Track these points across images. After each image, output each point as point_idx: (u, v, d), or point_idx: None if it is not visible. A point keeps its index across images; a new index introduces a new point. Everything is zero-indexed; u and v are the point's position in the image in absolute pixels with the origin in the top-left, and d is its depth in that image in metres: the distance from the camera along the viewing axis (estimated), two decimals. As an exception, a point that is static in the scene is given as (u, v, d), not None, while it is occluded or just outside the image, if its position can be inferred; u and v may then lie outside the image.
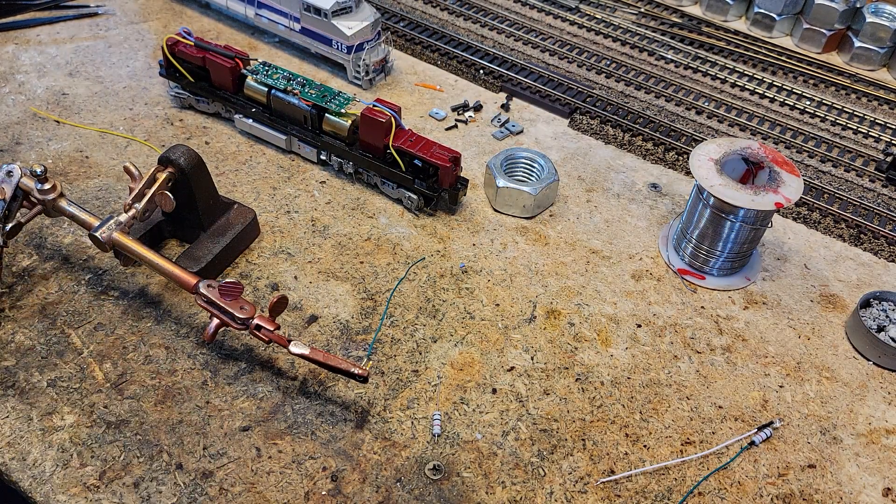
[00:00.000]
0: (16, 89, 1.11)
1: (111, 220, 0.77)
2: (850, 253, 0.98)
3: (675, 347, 0.83)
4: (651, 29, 1.40)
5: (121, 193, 0.95)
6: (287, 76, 1.00)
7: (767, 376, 0.81)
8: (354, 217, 0.96)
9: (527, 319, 0.85)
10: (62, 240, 0.89)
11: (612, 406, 0.77)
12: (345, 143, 0.97)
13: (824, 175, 1.09)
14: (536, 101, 1.19)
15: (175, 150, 0.82)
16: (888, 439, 0.77)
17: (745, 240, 0.88)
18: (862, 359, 0.85)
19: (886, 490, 0.72)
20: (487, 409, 0.75)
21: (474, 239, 0.94)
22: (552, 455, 0.72)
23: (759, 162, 0.87)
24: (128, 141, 1.04)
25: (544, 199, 0.98)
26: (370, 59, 1.16)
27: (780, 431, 0.76)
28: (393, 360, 0.79)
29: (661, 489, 0.70)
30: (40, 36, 1.23)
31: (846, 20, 1.36)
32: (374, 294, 0.86)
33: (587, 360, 0.81)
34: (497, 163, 0.98)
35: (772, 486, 0.71)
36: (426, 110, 1.15)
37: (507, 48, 1.30)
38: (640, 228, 0.98)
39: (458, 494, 0.68)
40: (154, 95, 1.12)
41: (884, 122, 1.20)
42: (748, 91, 1.26)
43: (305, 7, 1.14)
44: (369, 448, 0.71)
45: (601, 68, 1.26)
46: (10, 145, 1.01)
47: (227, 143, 1.05)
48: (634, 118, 1.16)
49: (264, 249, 0.90)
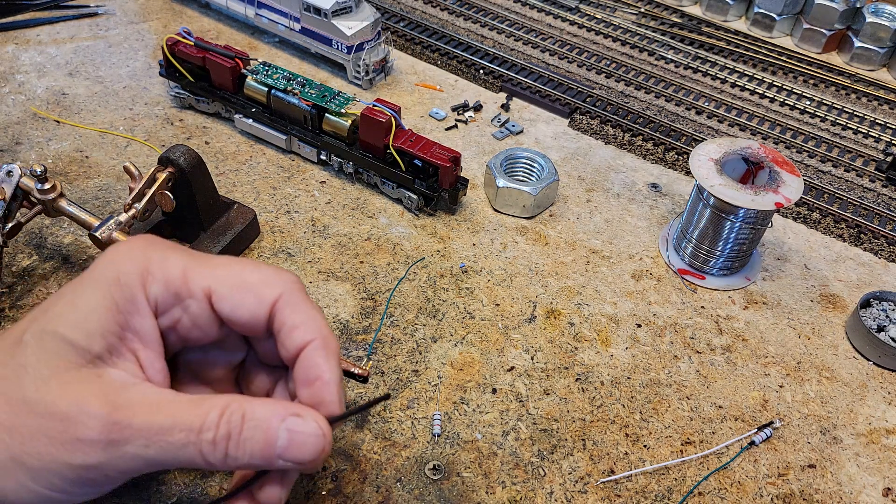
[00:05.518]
0: (16, 89, 1.11)
1: (111, 220, 0.77)
2: (850, 253, 0.98)
3: (675, 347, 0.83)
4: (651, 29, 1.40)
5: (121, 193, 0.95)
6: (287, 76, 1.00)
7: (767, 376, 0.81)
8: (354, 217, 0.96)
9: (527, 319, 0.85)
10: (62, 240, 0.89)
11: (612, 406, 0.77)
12: (345, 143, 0.97)
13: (824, 175, 1.09)
14: (536, 101, 1.19)
15: (175, 150, 0.82)
16: (888, 439, 0.77)
17: (745, 240, 0.88)
18: (862, 359, 0.85)
19: (886, 490, 0.72)
20: (487, 409, 0.75)
21: (474, 239, 0.94)
22: (552, 455, 0.72)
23: (759, 162, 0.87)
24: (128, 141, 1.04)
25: (544, 199, 0.98)
26: (370, 59, 1.16)
27: (780, 431, 0.76)
28: (393, 360, 0.79)
29: (661, 489, 0.70)
30: (40, 36, 1.23)
31: (846, 20, 1.36)
32: (374, 294, 0.86)
33: (587, 360, 0.81)
34: (497, 163, 0.98)
35: (772, 486, 0.71)
36: (426, 110, 1.15)
37: (507, 48, 1.30)
38: (640, 228, 0.98)
39: (458, 494, 0.68)
40: (154, 95, 1.12)
41: (884, 122, 1.20)
42: (748, 91, 1.26)
43: (305, 7, 1.14)
44: (369, 448, 0.71)
45: (601, 68, 1.26)
46: (10, 145, 1.01)
47: (227, 143, 1.05)
48: (634, 118, 1.16)
49: (264, 249, 0.90)
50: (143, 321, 0.46)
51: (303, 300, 0.48)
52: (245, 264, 0.49)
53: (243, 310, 0.47)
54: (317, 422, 0.44)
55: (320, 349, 0.47)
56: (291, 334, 0.47)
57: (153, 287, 0.47)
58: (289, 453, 0.43)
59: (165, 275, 0.47)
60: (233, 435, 0.43)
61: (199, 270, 0.48)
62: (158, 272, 0.47)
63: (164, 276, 0.47)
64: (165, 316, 0.48)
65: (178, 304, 0.48)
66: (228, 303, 0.47)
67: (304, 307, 0.48)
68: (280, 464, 0.44)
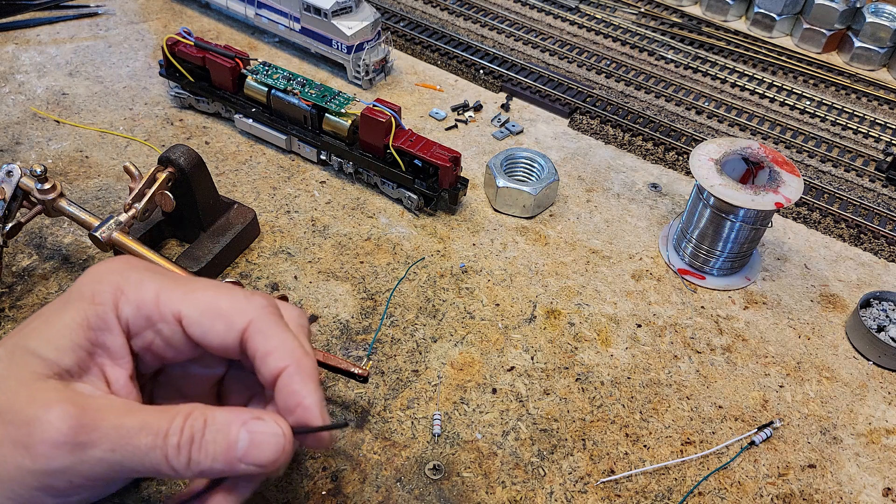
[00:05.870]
0: (16, 89, 1.11)
1: (111, 220, 0.77)
2: (850, 253, 0.98)
3: (675, 347, 0.83)
4: (651, 29, 1.40)
5: (121, 193, 0.95)
6: (287, 76, 1.00)
7: (767, 376, 0.81)
8: (354, 217, 0.96)
9: (527, 319, 0.85)
10: (62, 240, 0.89)
11: (612, 406, 0.77)
12: (345, 142, 0.97)
13: (824, 175, 1.09)
14: (536, 101, 1.19)
15: (175, 150, 0.82)
16: (888, 439, 0.77)
17: (745, 240, 0.88)
18: (862, 359, 0.85)
19: (886, 490, 0.72)
20: (487, 409, 0.75)
21: (474, 239, 0.94)
22: (552, 455, 0.72)
23: (759, 162, 0.87)
24: (128, 141, 1.04)
25: (544, 199, 0.98)
26: (370, 59, 1.16)
27: (780, 431, 0.76)
28: (393, 360, 0.79)
29: (661, 489, 0.70)
30: (40, 36, 1.23)
31: (846, 20, 1.36)
32: (374, 294, 0.86)
33: (587, 360, 0.81)
34: (497, 163, 0.98)
35: (772, 486, 0.71)
36: (426, 110, 1.15)
37: (507, 48, 1.30)
38: (640, 228, 0.98)
39: (458, 494, 0.68)
40: (154, 95, 1.12)
41: (884, 122, 1.20)
42: (748, 91, 1.26)
43: (305, 7, 1.14)
44: (369, 448, 0.71)
45: (601, 68, 1.26)
46: (10, 145, 1.01)
47: (227, 143, 1.05)
48: (634, 118, 1.16)
49: (264, 249, 0.90)
50: (114, 339, 0.47)
51: (273, 325, 0.48)
52: (219, 289, 0.49)
53: (213, 335, 0.48)
54: (277, 423, 0.45)
55: (295, 375, 0.47)
56: (266, 361, 0.47)
57: (125, 308, 0.48)
58: (250, 456, 0.44)
59: (138, 297, 0.48)
60: (196, 438, 0.43)
61: (171, 295, 0.48)
62: (132, 294, 0.48)
63: (137, 298, 0.48)
64: (138, 338, 0.49)
65: (150, 327, 0.48)
66: (198, 328, 0.48)
67: (274, 332, 0.48)
68: (242, 468, 0.44)
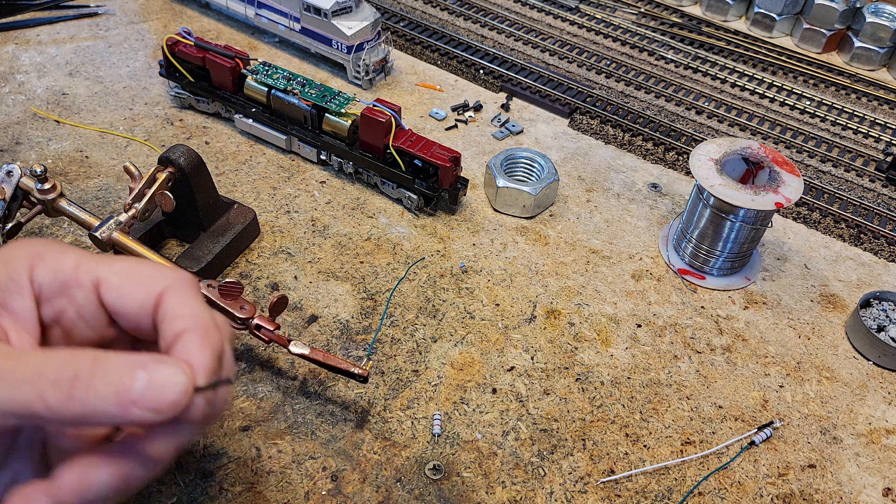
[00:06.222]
0: (16, 89, 1.11)
1: (111, 220, 0.77)
2: (850, 253, 0.98)
3: (675, 347, 0.83)
4: (651, 29, 1.40)
5: (121, 193, 0.95)
6: (287, 76, 1.00)
7: (767, 376, 0.81)
8: (354, 217, 0.96)
9: (527, 319, 0.85)
10: (62, 240, 0.89)
11: (612, 406, 0.77)
12: (345, 143, 0.97)
13: (824, 175, 1.09)
14: (536, 101, 1.19)
15: (175, 150, 0.82)
16: (888, 439, 0.77)
17: (745, 240, 0.88)
18: (862, 359, 0.85)
19: (886, 490, 0.72)
20: (487, 409, 0.75)
21: (474, 239, 0.94)
22: (552, 455, 0.72)
23: (759, 162, 0.87)
24: (128, 141, 1.04)
25: (544, 199, 0.98)
26: (370, 59, 1.16)
27: (780, 431, 0.76)
28: (393, 360, 0.79)
29: (661, 489, 0.70)
30: (40, 36, 1.23)
31: (846, 20, 1.36)
32: (374, 294, 0.86)
33: (587, 360, 0.81)
34: (497, 163, 0.98)
35: (772, 486, 0.71)
36: (426, 110, 1.15)
37: (507, 48, 1.30)
38: (640, 228, 0.98)
39: (458, 494, 0.68)
40: (154, 95, 1.12)
41: (884, 122, 1.20)
42: (748, 91, 1.26)
43: (305, 7, 1.14)
44: (369, 448, 0.71)
45: (601, 68, 1.26)
46: (10, 145, 1.01)
47: (227, 143, 1.05)
48: (634, 118, 1.16)
49: (264, 249, 0.90)
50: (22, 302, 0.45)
51: (192, 296, 0.46)
52: (141, 261, 0.48)
53: (130, 299, 0.45)
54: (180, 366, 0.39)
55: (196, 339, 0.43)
56: (172, 323, 0.44)
57: (40, 271, 0.46)
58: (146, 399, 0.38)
59: (56, 263, 0.46)
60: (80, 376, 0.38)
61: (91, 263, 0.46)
62: (50, 259, 0.46)
63: (55, 264, 0.46)
64: (49, 304, 0.46)
65: (63, 294, 0.46)
66: (116, 292, 0.45)
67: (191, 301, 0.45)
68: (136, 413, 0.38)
